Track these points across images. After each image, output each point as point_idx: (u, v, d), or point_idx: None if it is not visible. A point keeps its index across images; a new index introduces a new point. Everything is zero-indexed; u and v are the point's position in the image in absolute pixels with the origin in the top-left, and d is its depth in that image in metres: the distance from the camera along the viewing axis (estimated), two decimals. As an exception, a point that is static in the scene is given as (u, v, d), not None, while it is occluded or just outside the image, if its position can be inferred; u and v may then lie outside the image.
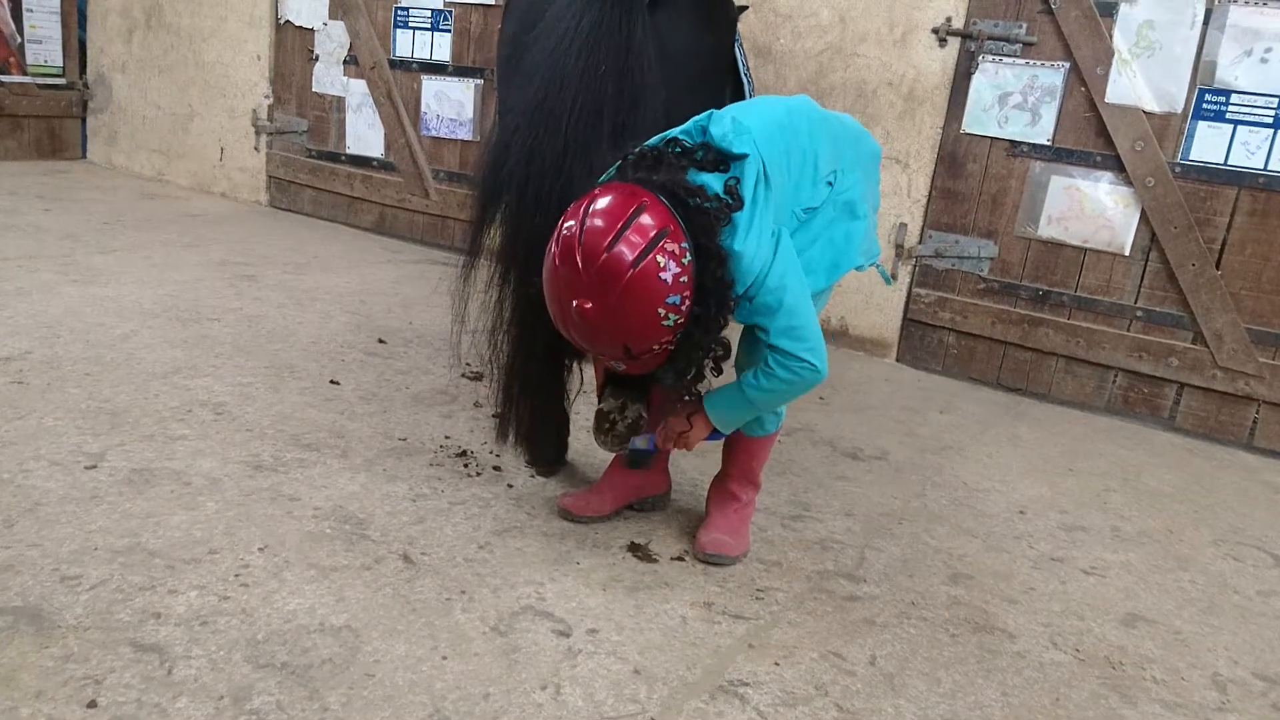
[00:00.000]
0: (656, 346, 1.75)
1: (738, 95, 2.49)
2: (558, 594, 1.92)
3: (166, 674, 1.53)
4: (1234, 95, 3.29)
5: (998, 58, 3.65)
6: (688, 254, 1.70)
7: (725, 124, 1.85)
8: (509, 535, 2.13)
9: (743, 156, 1.81)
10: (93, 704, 1.44)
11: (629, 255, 1.65)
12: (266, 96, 5.54)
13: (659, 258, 1.66)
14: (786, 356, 1.86)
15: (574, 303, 1.70)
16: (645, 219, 1.68)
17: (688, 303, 1.72)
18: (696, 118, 1.91)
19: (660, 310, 1.69)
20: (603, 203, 1.71)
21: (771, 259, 1.81)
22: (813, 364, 1.87)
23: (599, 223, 1.68)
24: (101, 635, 1.60)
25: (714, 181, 1.79)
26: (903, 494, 2.66)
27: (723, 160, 1.83)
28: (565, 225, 1.73)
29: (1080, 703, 1.79)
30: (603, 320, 1.70)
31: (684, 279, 1.70)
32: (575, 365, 2.37)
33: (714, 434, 2.08)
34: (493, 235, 2.28)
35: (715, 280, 1.74)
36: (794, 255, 1.87)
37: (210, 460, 2.28)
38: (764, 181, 1.81)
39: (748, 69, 2.56)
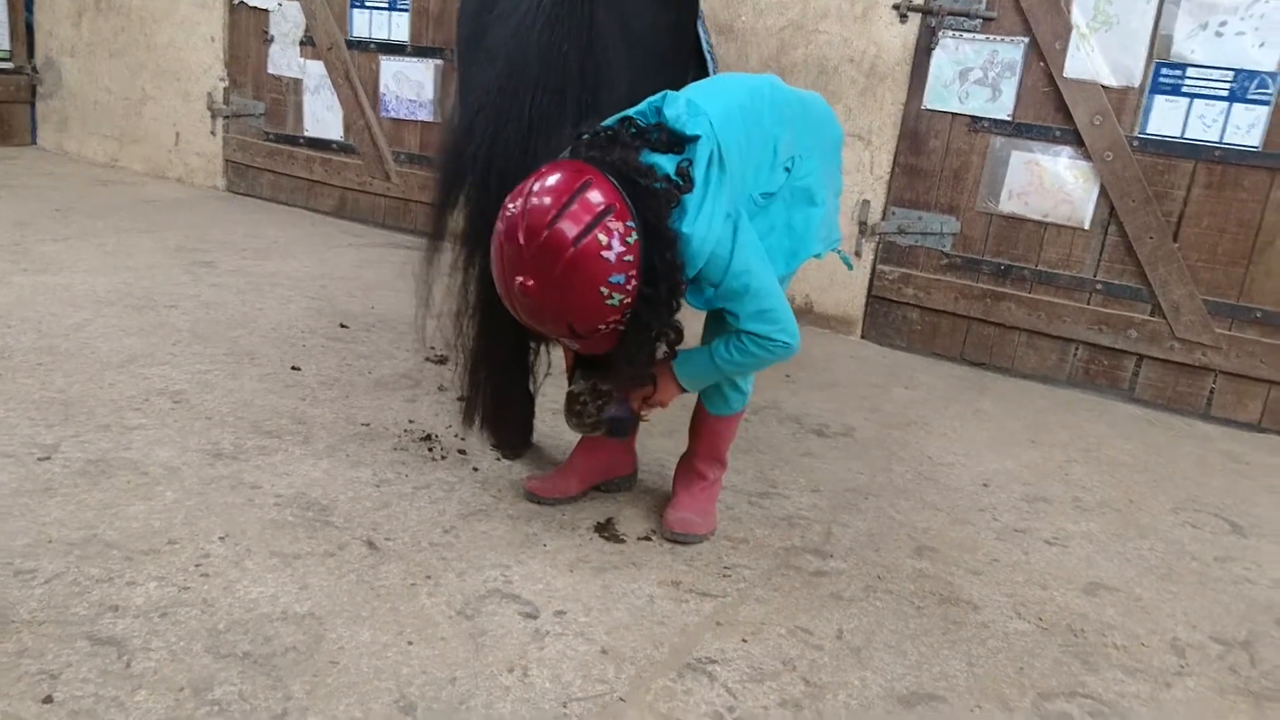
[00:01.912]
0: (603, 326, 1.73)
1: (701, 73, 2.47)
2: (524, 576, 1.91)
3: (125, 667, 1.50)
4: (1190, 69, 3.32)
5: (958, 33, 3.65)
6: (633, 233, 1.69)
7: (680, 105, 1.83)
8: (475, 519, 2.12)
9: (696, 138, 1.79)
10: (48, 699, 1.41)
11: (570, 232, 1.64)
12: (221, 79, 5.44)
13: (600, 235, 1.65)
14: (759, 338, 1.87)
15: (517, 280, 1.68)
16: (589, 196, 1.66)
17: (634, 283, 1.71)
18: (651, 98, 1.88)
19: (603, 289, 1.67)
20: (547, 180, 1.70)
21: (732, 243, 1.80)
22: (786, 342, 1.88)
23: (542, 200, 1.67)
24: (57, 629, 1.57)
25: (666, 163, 1.77)
26: (868, 469, 2.67)
27: (677, 142, 1.81)
28: (510, 203, 1.72)
29: (1044, 670, 1.81)
30: (545, 298, 1.69)
31: (628, 258, 1.68)
32: (542, 348, 2.35)
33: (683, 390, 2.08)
34: (456, 218, 2.25)
35: (664, 262, 1.73)
36: (755, 238, 1.87)
37: (168, 449, 2.25)
38: (718, 164, 1.79)
39: (710, 47, 2.54)
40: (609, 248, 1.65)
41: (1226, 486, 2.86)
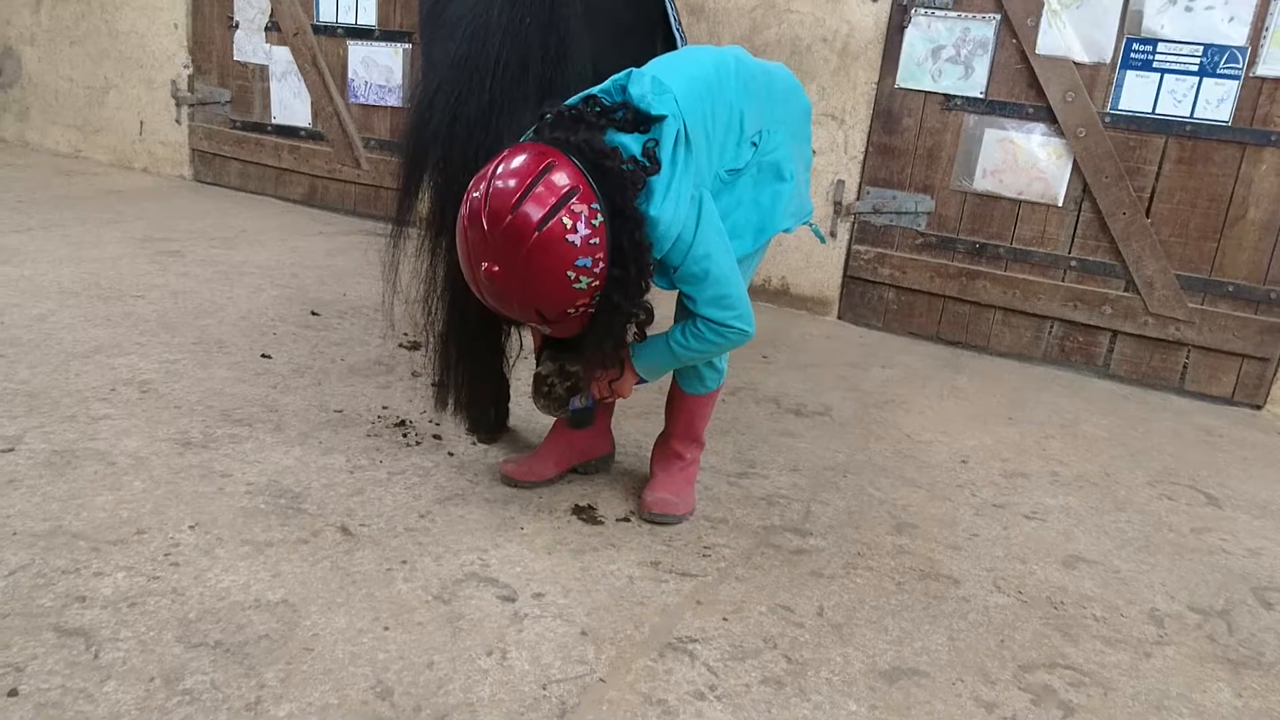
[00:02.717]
0: (572, 310, 1.71)
1: (669, 49, 2.43)
2: (502, 560, 1.88)
3: (93, 658, 1.46)
4: (1160, 44, 3.33)
5: (930, 11, 3.64)
6: (599, 215, 1.66)
7: (645, 83, 1.79)
8: (451, 503, 2.09)
9: (662, 118, 1.75)
10: (14, 692, 1.37)
11: (535, 216, 1.61)
12: (186, 66, 5.34)
13: (565, 219, 1.62)
14: (716, 324, 1.85)
15: (483, 266, 1.66)
16: (552, 179, 1.63)
17: (601, 265, 1.68)
18: (616, 76, 1.84)
19: (570, 273, 1.65)
20: (510, 164, 1.66)
21: (695, 226, 1.77)
22: (741, 329, 1.87)
23: (505, 184, 1.64)
24: (23, 621, 1.53)
25: (632, 143, 1.74)
26: (847, 448, 2.67)
27: (642, 121, 1.77)
28: (474, 188, 1.68)
29: (1024, 643, 1.81)
30: (511, 284, 1.66)
31: (594, 240, 1.65)
32: (513, 330, 2.32)
33: (641, 380, 2.06)
34: (422, 199, 2.21)
35: (632, 243, 1.70)
36: (718, 221, 1.83)
37: (136, 439, 2.20)
38: (684, 144, 1.76)
39: (679, 23, 2.51)
40: (574, 231, 1.63)
41: (1201, 459, 2.88)
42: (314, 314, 3.27)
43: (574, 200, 1.63)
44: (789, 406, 2.94)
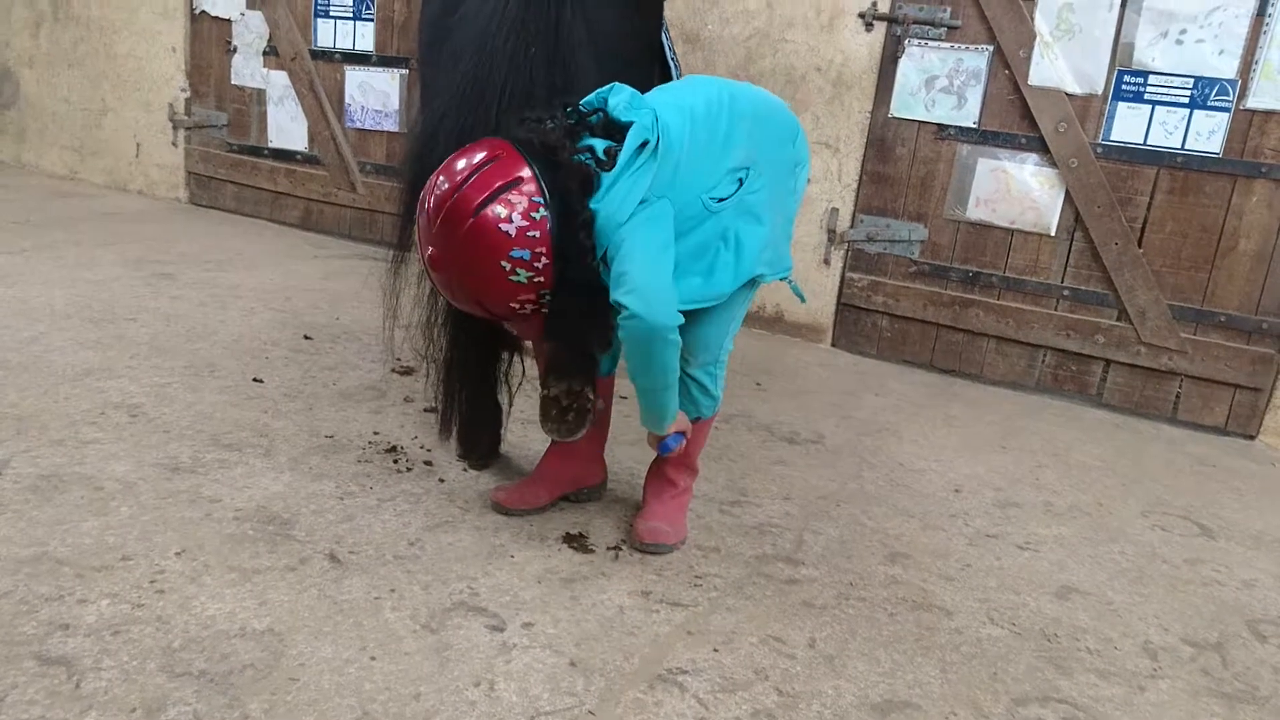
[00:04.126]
0: (516, 305, 1.72)
1: (665, 79, 2.45)
2: (491, 588, 1.87)
3: (74, 687, 1.44)
4: (1152, 76, 3.36)
5: (923, 42, 3.67)
6: (540, 209, 1.68)
7: (624, 95, 1.84)
8: (440, 530, 2.07)
9: (630, 124, 1.78)
10: (-7, 723, 1.36)
11: (471, 203, 1.65)
12: (183, 90, 5.36)
13: (499, 208, 1.65)
14: (617, 306, 1.73)
15: (427, 251, 1.71)
16: (494, 171, 1.67)
17: (544, 260, 1.69)
18: (600, 89, 1.88)
19: (504, 263, 1.67)
20: (463, 155, 1.72)
21: (631, 213, 1.73)
22: (631, 311, 1.70)
23: (452, 173, 1.69)
24: (3, 649, 1.51)
25: (597, 145, 1.77)
26: (840, 476, 2.66)
27: (616, 129, 1.80)
28: (431, 178, 1.74)
29: (1017, 675, 1.79)
30: (449, 270, 1.71)
31: (533, 234, 1.67)
32: (514, 357, 2.32)
33: (664, 445, 2.05)
34: None
35: (577, 243, 1.71)
36: (663, 220, 1.77)
37: (124, 464, 2.18)
38: (651, 152, 1.76)
39: (674, 53, 2.53)
40: (508, 220, 1.65)
41: (1195, 489, 2.88)
42: (307, 338, 3.26)
43: (512, 191, 1.67)
44: (782, 434, 2.93)
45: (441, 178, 1.71)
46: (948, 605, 2.02)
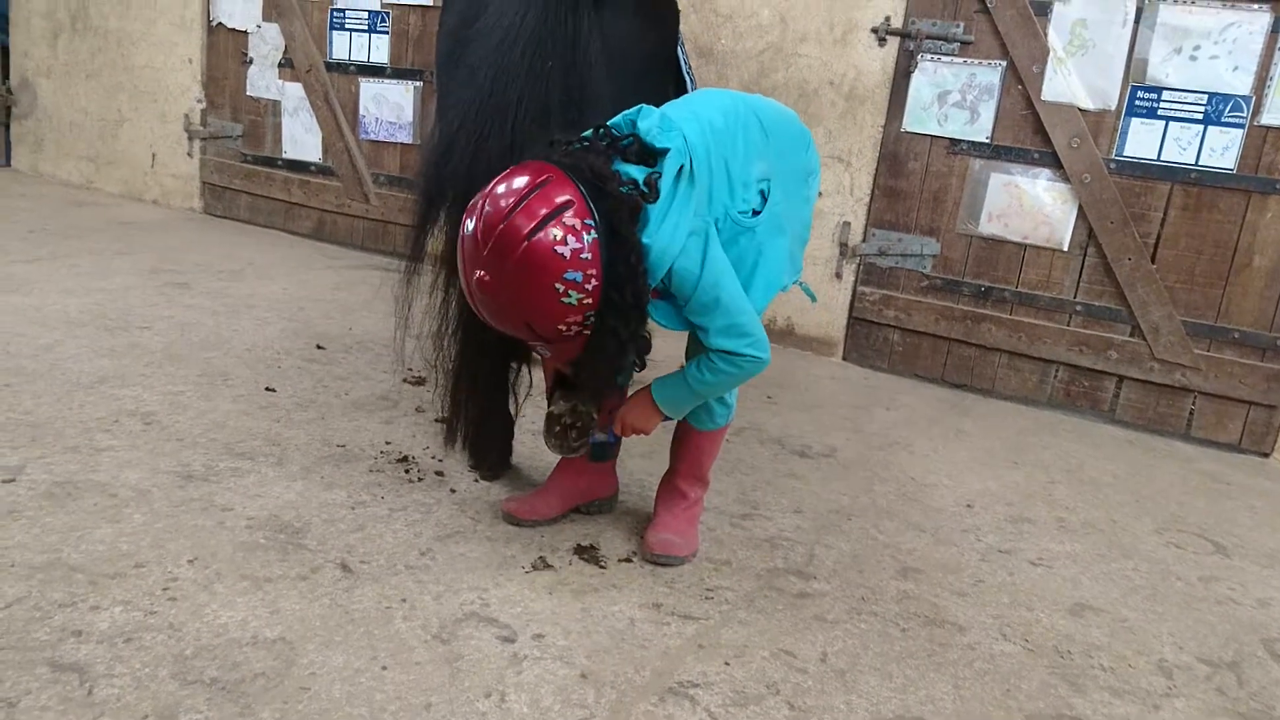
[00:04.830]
0: (564, 327, 1.72)
1: (679, 93, 2.46)
2: (502, 599, 1.86)
3: (87, 694, 1.45)
4: (1165, 92, 3.35)
5: (936, 57, 3.68)
6: (591, 231, 1.68)
7: (654, 119, 1.84)
8: (452, 541, 2.07)
9: (666, 151, 1.79)
10: (5, 728, 1.36)
11: (524, 227, 1.64)
12: (199, 100, 5.40)
13: (554, 230, 1.64)
14: (729, 354, 1.85)
15: (475, 275, 1.69)
16: (546, 193, 1.67)
17: (594, 283, 1.69)
18: (627, 112, 1.88)
19: (558, 285, 1.66)
20: (509, 178, 1.71)
21: (702, 257, 1.79)
22: (755, 356, 1.87)
23: (502, 196, 1.68)
24: (17, 655, 1.51)
25: (636, 173, 1.78)
26: (851, 490, 2.65)
27: (649, 154, 1.81)
28: (475, 201, 1.73)
29: (1030, 693, 1.78)
30: (501, 294, 1.69)
31: (585, 255, 1.66)
32: (523, 368, 2.33)
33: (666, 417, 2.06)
34: (436, 237, 2.22)
35: (627, 266, 1.71)
36: (723, 254, 1.85)
37: (138, 471, 2.19)
38: (688, 178, 1.79)
39: (689, 67, 2.54)
40: (563, 243, 1.65)
41: (1209, 507, 2.86)
42: (319, 347, 3.27)
43: (566, 214, 1.66)
44: (793, 448, 2.93)
45: (487, 201, 1.69)
46: (960, 621, 2.01)
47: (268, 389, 2.81)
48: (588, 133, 1.83)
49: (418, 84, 4.73)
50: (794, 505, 2.50)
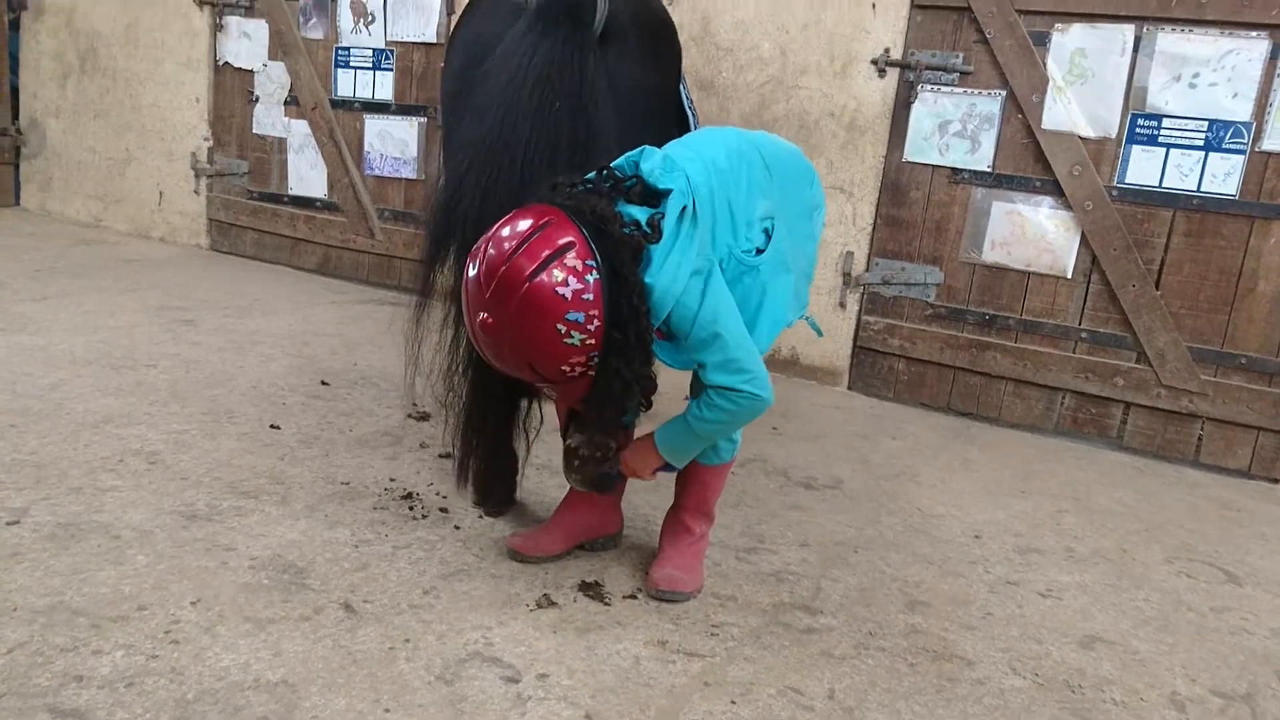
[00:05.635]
0: (567, 368, 1.72)
1: (684, 130, 2.48)
2: (506, 638, 1.85)
3: (87, 741, 1.44)
4: (1165, 119, 3.36)
5: (936, 87, 3.70)
6: (593, 272, 1.68)
7: (656, 160, 1.85)
8: (455, 579, 2.06)
9: (668, 192, 1.80)
10: (5, 777, 1.35)
11: (526, 269, 1.65)
12: (206, 139, 5.45)
13: (556, 271, 1.65)
14: (726, 390, 1.85)
15: (479, 317, 1.70)
16: (548, 234, 1.68)
17: (597, 323, 1.69)
18: (630, 153, 1.89)
19: (560, 326, 1.66)
20: (512, 221, 1.72)
21: (701, 294, 1.80)
22: (753, 393, 1.86)
23: (504, 238, 1.69)
24: (18, 702, 1.50)
25: (639, 214, 1.78)
26: (857, 522, 2.63)
27: (652, 195, 1.82)
28: (478, 244, 1.74)
29: (1041, 729, 1.76)
30: (503, 336, 1.70)
31: (587, 296, 1.67)
32: (533, 405, 2.32)
33: (668, 466, 2.05)
34: (445, 274, 2.23)
35: (630, 307, 1.72)
36: (725, 291, 1.85)
37: (141, 512, 2.19)
38: (691, 218, 1.80)
39: (692, 105, 2.56)
40: (565, 284, 1.65)
41: (1219, 534, 2.83)
42: (324, 383, 3.28)
43: (568, 255, 1.67)
44: (799, 479, 2.91)
45: (490, 244, 1.70)
46: (969, 655, 1.99)
47: (272, 426, 2.82)
48: (591, 174, 1.85)
49: (422, 120, 4.77)
50: (800, 538, 2.48)
